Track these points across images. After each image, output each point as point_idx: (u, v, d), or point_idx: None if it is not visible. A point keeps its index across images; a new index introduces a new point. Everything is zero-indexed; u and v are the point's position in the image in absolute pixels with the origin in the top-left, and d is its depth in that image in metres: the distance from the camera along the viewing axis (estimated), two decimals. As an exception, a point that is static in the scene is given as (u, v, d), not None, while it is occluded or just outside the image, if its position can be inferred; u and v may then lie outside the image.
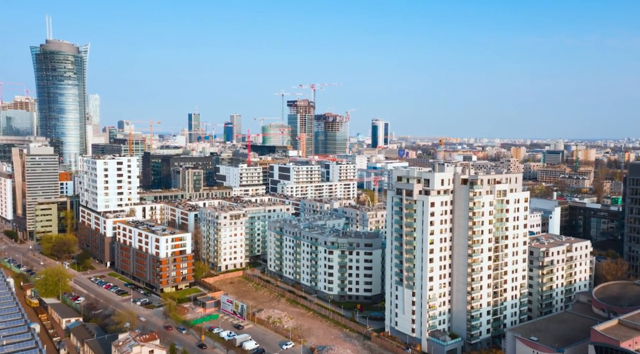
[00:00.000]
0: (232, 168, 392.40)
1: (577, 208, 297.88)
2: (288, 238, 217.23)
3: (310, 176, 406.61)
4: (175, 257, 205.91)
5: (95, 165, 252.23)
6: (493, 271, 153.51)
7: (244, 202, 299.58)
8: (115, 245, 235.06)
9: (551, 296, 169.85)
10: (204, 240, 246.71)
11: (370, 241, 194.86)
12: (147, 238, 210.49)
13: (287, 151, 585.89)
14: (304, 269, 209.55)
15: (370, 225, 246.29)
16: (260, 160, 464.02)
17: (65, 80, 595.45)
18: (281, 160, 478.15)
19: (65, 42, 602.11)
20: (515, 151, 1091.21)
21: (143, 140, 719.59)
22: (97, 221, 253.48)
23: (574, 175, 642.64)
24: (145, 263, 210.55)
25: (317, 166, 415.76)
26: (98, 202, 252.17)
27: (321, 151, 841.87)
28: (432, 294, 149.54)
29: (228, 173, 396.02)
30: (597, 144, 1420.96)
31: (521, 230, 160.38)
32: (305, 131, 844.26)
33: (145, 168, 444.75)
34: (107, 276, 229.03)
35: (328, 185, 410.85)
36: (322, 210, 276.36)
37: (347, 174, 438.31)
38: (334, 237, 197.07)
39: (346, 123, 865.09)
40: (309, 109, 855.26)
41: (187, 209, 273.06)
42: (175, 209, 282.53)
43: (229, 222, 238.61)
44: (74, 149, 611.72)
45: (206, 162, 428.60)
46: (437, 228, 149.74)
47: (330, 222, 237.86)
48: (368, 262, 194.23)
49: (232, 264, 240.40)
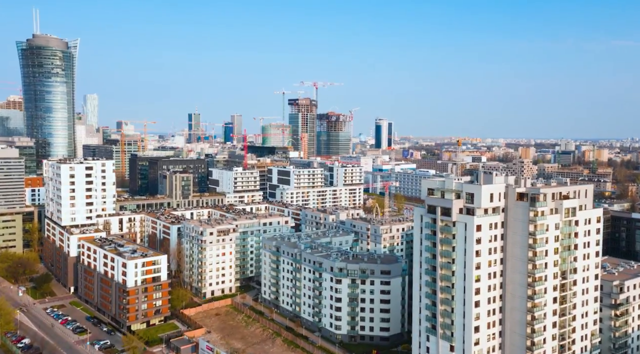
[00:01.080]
0: (225, 172, 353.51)
1: (620, 219, 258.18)
2: (286, 260, 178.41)
3: (312, 180, 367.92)
4: (146, 286, 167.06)
5: (59, 171, 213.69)
6: (559, 318, 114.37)
7: (236, 212, 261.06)
8: (79, 267, 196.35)
9: (626, 344, 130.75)
10: (187, 260, 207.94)
11: (388, 268, 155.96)
12: (112, 261, 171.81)
13: (287, 152, 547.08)
14: (305, 300, 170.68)
15: (384, 241, 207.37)
16: (258, 162, 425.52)
17: (52, 77, 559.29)
18: (281, 162, 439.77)
19: (53, 37, 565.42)
20: (524, 151, 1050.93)
21: (137, 141, 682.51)
22: (61, 236, 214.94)
23: (594, 177, 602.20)
24: (111, 293, 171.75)
25: (320, 170, 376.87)
26: (62, 214, 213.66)
27: (324, 151, 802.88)
28: (477, 350, 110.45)
29: (221, 178, 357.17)
30: (601, 144, 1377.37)
31: (592, 260, 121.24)
32: (307, 131, 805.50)
33: (132, 172, 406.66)
34: (68, 305, 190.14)
35: (332, 190, 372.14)
36: (326, 222, 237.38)
37: (353, 177, 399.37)
38: (342, 262, 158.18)
39: (350, 123, 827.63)
40: (311, 107, 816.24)
41: (170, 222, 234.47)
42: (156, 220, 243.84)
43: (215, 240, 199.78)
44: (61, 150, 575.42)
45: (198, 165, 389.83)
46: (485, 260, 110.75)
47: (336, 239, 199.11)
48: (385, 294, 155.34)
49: (219, 290, 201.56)
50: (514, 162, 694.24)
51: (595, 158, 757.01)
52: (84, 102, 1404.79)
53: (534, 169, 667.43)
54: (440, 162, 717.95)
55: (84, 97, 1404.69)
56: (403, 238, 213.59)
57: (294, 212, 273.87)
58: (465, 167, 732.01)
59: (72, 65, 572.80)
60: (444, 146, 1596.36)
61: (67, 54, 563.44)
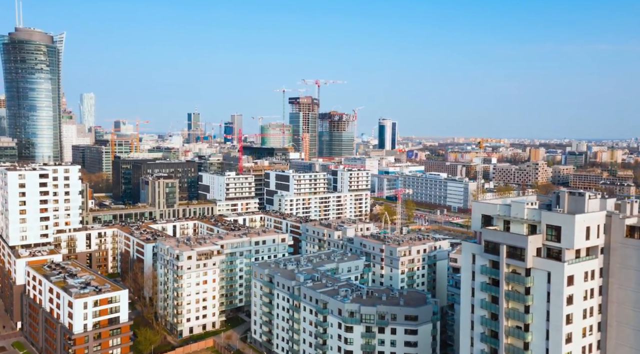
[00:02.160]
0: (216, 177, 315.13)
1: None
2: (281, 295, 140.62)
3: (314, 185, 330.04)
4: (100, 331, 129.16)
5: (6, 179, 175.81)
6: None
7: (226, 225, 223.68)
8: (24, 300, 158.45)
9: None
10: (161, 288, 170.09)
11: (415, 312, 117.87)
12: (58, 298, 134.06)
13: (287, 153, 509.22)
14: (304, 348, 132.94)
15: (402, 266, 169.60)
16: (254, 165, 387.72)
17: (36, 74, 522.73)
18: (280, 165, 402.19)
19: (37, 31, 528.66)
20: (533, 152, 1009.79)
21: (129, 141, 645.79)
22: (9, 258, 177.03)
23: (615, 181, 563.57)
24: (56, 338, 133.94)
25: (323, 174, 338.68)
26: (10, 232, 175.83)
27: (326, 152, 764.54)
28: None
29: (212, 183, 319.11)
30: (607, 145, 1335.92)
31: None
32: (309, 131, 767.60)
33: (116, 176, 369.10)
34: (9, 348, 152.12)
35: (336, 197, 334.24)
36: (330, 239, 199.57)
37: (359, 182, 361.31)
38: (353, 304, 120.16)
39: (353, 122, 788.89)
40: (313, 106, 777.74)
41: (145, 239, 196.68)
42: (130, 236, 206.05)
43: (195, 265, 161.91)
44: (46, 151, 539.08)
45: (188, 168, 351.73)
46: (578, 328, 72.73)
47: (344, 265, 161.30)
48: (411, 346, 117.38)
49: (199, 325, 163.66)
50: (528, 164, 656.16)
51: (613, 160, 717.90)
52: (81, 101, 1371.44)
53: (548, 172, 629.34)
54: (449, 164, 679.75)
55: (80, 96, 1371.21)
56: (425, 261, 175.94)
57: (293, 225, 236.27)
58: (474, 169, 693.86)
59: (57, 61, 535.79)
60: (448, 146, 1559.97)
61: (52, 49, 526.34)
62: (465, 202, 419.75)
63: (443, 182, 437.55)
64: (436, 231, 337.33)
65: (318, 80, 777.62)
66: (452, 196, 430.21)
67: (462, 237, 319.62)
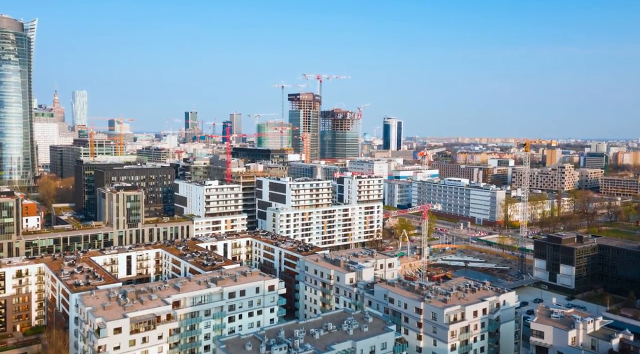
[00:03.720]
0: (195, 187, 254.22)
1: None
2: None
3: (315, 196, 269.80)
4: None
5: None
6: None
7: (198, 257, 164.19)
8: None
9: None
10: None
11: None
12: None
13: (285, 155, 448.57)
14: None
15: (452, 338, 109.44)
16: (245, 172, 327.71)
17: (4, 65, 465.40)
18: (276, 171, 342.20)
19: (5, 16, 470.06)
20: (549, 153, 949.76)
21: (110, 141, 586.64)
22: None
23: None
24: None
25: (326, 183, 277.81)
26: None
27: (328, 154, 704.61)
28: None
29: (189, 194, 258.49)
30: (616, 145, 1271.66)
31: None
32: (310, 130, 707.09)
33: (78, 184, 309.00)
34: None
35: (342, 211, 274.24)
36: (340, 284, 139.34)
37: (370, 192, 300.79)
38: None
39: (358, 121, 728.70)
40: (314, 104, 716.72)
41: (73, 284, 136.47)
42: (56, 278, 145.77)
43: (127, 341, 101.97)
44: (15, 152, 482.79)
45: (163, 175, 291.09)
46: None
47: (363, 344, 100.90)
48: None
49: None
50: (553, 168, 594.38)
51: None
52: (73, 100, 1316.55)
53: (575, 176, 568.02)
54: (465, 167, 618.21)
55: (72, 94, 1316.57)
56: (484, 328, 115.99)
57: (289, 255, 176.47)
58: (492, 173, 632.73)
59: (28, 51, 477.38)
60: (454, 147, 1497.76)
61: (21, 37, 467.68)
62: (493, 213, 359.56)
63: (465, 190, 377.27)
64: (464, 252, 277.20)
65: (320, 76, 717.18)
66: (476, 206, 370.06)
67: (497, 261, 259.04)
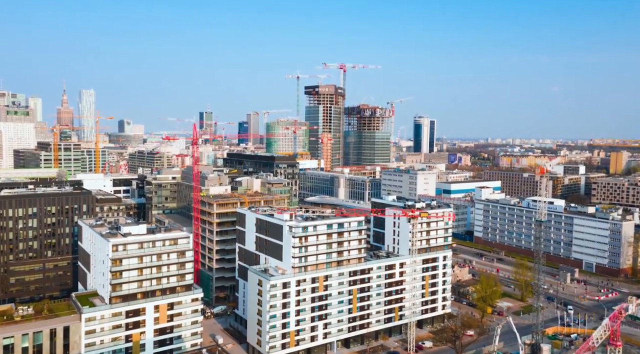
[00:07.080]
0: (99, 239, 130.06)
1: None
2: None
3: (335, 243, 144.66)
4: None
5: None
6: None
7: None
8: None
9: None
10: None
11: None
12: None
13: (296, 164, 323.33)
14: None
15: None
16: (226, 194, 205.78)
17: None
18: (275, 195, 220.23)
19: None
20: (614, 156, 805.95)
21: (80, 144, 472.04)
22: None
23: None
24: None
25: (355, 221, 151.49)
26: None
27: (353, 159, 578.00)
28: None
29: (93, 251, 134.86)
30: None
31: None
32: (331, 130, 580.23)
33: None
34: None
35: (386, 267, 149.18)
36: None
37: (431, 233, 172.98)
38: None
39: (390, 119, 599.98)
40: (337, 98, 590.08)
41: None
42: None
43: None
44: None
45: (74, 206, 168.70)
46: None
47: None
48: None
49: None
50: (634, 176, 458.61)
51: None
52: (79, 99, 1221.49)
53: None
54: (527, 176, 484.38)
55: (79, 93, 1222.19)
56: None
57: None
58: (563, 182, 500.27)
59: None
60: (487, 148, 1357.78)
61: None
62: (616, 256, 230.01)
63: (565, 219, 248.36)
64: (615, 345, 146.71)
65: (344, 65, 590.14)
66: (583, 243, 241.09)
67: None
